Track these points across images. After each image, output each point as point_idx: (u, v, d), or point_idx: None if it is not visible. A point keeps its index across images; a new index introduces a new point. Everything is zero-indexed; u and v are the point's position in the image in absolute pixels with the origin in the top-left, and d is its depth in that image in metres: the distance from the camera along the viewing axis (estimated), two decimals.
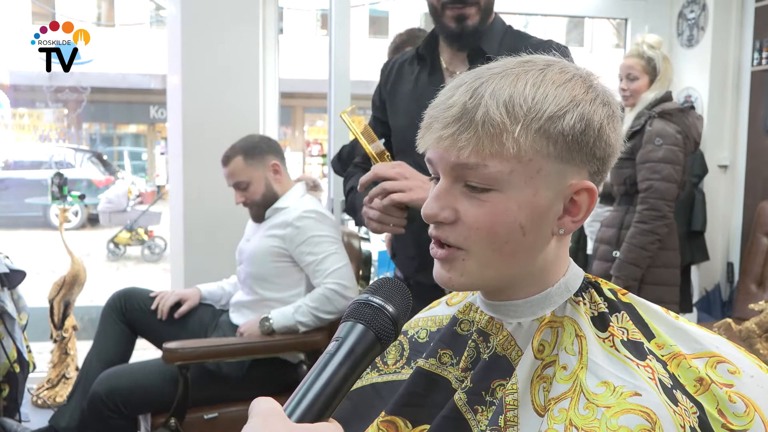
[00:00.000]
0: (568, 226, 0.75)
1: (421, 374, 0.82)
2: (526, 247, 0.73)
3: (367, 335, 0.59)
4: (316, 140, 14.92)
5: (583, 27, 15.29)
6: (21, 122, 10.59)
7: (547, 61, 0.74)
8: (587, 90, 0.72)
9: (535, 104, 0.69)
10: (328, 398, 0.56)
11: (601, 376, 0.70)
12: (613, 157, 0.76)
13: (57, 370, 3.06)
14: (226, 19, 2.89)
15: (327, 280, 2.17)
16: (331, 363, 0.58)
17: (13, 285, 2.39)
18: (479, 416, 0.74)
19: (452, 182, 0.73)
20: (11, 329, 2.33)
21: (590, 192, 0.74)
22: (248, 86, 2.93)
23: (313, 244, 2.21)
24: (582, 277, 0.80)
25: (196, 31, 2.88)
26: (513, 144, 0.69)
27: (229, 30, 2.90)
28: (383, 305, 0.61)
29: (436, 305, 0.93)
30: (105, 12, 14.99)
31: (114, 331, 2.36)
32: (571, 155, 0.71)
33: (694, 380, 0.72)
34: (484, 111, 0.69)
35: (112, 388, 2.05)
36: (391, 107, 1.63)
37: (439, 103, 0.73)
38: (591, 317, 0.75)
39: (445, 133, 0.70)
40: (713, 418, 0.70)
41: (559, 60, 0.75)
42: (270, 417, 0.53)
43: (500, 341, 0.78)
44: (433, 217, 0.74)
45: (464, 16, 1.46)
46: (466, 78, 0.73)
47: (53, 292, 3.02)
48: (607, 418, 0.66)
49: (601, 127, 0.72)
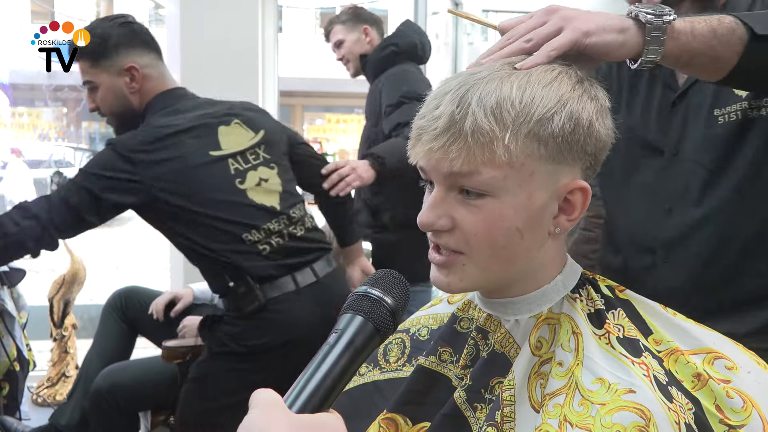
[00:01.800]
0: (563, 225, 0.75)
1: (421, 372, 0.82)
2: (523, 249, 0.73)
3: (366, 327, 0.60)
4: (315, 139, 14.90)
5: None
6: (20, 121, 10.61)
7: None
8: (574, 86, 0.72)
9: (522, 108, 0.69)
10: (328, 389, 0.57)
11: (597, 373, 0.70)
12: (604, 150, 0.76)
13: (57, 368, 3.06)
14: (225, 17, 2.90)
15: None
16: (331, 354, 0.58)
17: (13, 283, 2.39)
18: (479, 414, 0.75)
19: (447, 190, 0.73)
20: (11, 328, 2.33)
21: (584, 191, 0.74)
22: (247, 85, 2.93)
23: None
24: (579, 274, 0.80)
25: (195, 30, 2.88)
26: (504, 151, 0.69)
27: (228, 28, 2.90)
28: (382, 297, 0.62)
29: (437, 303, 0.94)
30: (104, 10, 14.97)
31: (114, 329, 2.36)
32: (563, 155, 0.71)
33: (692, 376, 0.72)
34: (472, 120, 0.68)
35: (115, 383, 2.06)
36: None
37: (426, 113, 0.72)
38: (587, 314, 0.76)
39: (435, 145, 0.70)
40: (711, 413, 0.70)
41: None
42: (270, 408, 0.53)
43: (498, 338, 0.78)
44: (430, 225, 0.74)
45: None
46: (452, 85, 0.72)
47: (53, 290, 3.02)
48: (601, 415, 0.66)
49: (591, 123, 0.72)
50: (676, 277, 1.14)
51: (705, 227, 1.11)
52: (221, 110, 1.85)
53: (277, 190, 1.84)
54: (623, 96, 1.23)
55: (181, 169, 1.72)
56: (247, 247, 1.75)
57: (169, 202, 1.71)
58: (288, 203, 1.84)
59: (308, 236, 1.86)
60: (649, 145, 1.18)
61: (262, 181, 1.81)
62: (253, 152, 1.83)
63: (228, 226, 1.74)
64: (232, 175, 1.77)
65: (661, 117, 1.18)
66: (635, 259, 1.20)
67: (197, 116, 1.80)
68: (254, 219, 1.77)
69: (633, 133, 1.19)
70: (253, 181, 1.79)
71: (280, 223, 1.79)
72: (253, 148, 1.84)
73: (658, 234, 1.16)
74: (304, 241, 1.84)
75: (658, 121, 1.18)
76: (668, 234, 1.15)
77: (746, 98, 1.07)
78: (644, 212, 1.19)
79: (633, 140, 1.19)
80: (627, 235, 1.23)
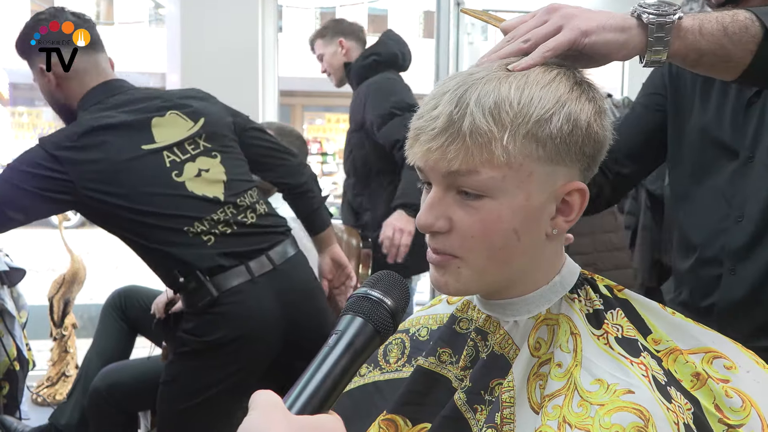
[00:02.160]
0: (561, 226, 0.75)
1: (421, 373, 0.82)
2: (520, 250, 0.73)
3: (365, 328, 0.60)
4: (315, 138, 14.91)
5: None
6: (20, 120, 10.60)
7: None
8: (572, 87, 0.72)
9: (521, 109, 0.69)
10: (327, 390, 0.57)
11: (595, 374, 0.70)
12: (602, 152, 0.76)
13: (57, 368, 3.06)
14: (225, 17, 2.90)
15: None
16: (331, 355, 0.58)
17: (13, 283, 2.39)
18: (479, 415, 0.75)
19: (445, 190, 0.73)
20: (11, 327, 2.33)
21: (581, 192, 0.74)
22: (247, 84, 2.94)
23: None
24: (577, 274, 0.80)
25: (195, 30, 2.89)
26: (502, 152, 0.68)
27: (228, 28, 2.90)
28: (382, 298, 0.62)
29: (436, 303, 0.94)
30: (104, 10, 14.98)
31: (114, 329, 2.36)
32: (561, 156, 0.71)
33: (691, 375, 0.73)
34: (470, 120, 0.68)
35: (114, 382, 2.05)
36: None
37: (424, 113, 0.72)
38: (586, 314, 0.76)
39: (433, 145, 0.70)
40: (710, 413, 0.71)
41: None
42: (270, 409, 0.53)
43: (498, 340, 0.78)
44: (428, 227, 0.73)
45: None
46: (450, 85, 0.72)
47: (53, 290, 3.02)
48: (600, 415, 0.66)
49: (589, 125, 0.72)
50: (741, 289, 1.10)
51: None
52: (157, 103, 1.78)
53: (220, 179, 1.77)
54: (696, 95, 1.18)
55: (108, 167, 1.65)
56: (191, 239, 1.69)
57: (104, 201, 1.65)
58: (234, 191, 1.77)
59: (261, 223, 1.79)
60: (723, 145, 1.14)
61: (202, 172, 1.75)
62: (191, 142, 1.77)
63: (167, 220, 1.68)
64: (167, 168, 1.71)
65: (736, 116, 1.12)
66: (702, 269, 1.17)
67: (130, 110, 1.74)
68: (195, 210, 1.70)
69: (707, 134, 1.15)
70: (192, 173, 1.73)
71: (225, 213, 1.73)
72: (192, 138, 1.77)
73: (727, 243, 1.12)
74: (256, 227, 1.78)
75: (733, 120, 1.13)
76: (737, 244, 1.11)
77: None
78: (714, 218, 1.15)
79: (706, 140, 1.15)
80: (697, 241, 1.18)
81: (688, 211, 1.21)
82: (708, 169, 1.16)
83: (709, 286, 1.15)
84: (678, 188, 1.24)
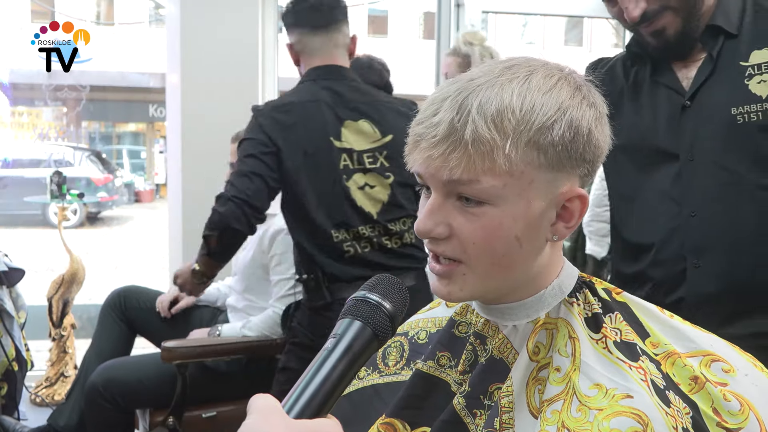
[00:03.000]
0: (561, 232, 0.75)
1: (419, 377, 0.82)
2: (522, 257, 0.73)
3: (364, 332, 0.60)
4: None
5: (582, 27, 15.28)
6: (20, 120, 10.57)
7: (530, 67, 0.72)
8: (573, 93, 0.72)
9: (523, 116, 0.68)
10: (326, 394, 0.57)
11: (594, 379, 0.70)
12: (601, 157, 0.75)
13: (55, 368, 3.06)
14: (226, 17, 2.90)
15: (277, 303, 2.16)
16: (329, 359, 0.58)
17: (12, 283, 2.39)
18: (478, 420, 0.75)
19: (445, 197, 0.72)
20: (10, 327, 2.33)
21: (582, 199, 0.74)
22: (247, 85, 2.93)
23: (279, 262, 2.18)
24: (576, 277, 0.80)
25: (195, 30, 2.88)
26: (504, 160, 0.68)
27: (229, 28, 2.90)
28: (380, 302, 0.62)
29: (435, 306, 0.93)
30: (104, 10, 14.97)
31: (113, 329, 2.36)
32: (562, 163, 0.71)
33: (689, 379, 0.72)
34: (472, 129, 0.67)
35: (110, 379, 2.05)
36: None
37: (424, 119, 0.71)
38: (585, 318, 0.76)
39: (434, 153, 0.69)
40: (708, 416, 0.70)
41: (543, 62, 0.74)
42: (268, 413, 0.53)
43: (497, 344, 0.78)
44: (427, 233, 0.73)
45: (660, 31, 1.17)
46: (450, 90, 0.71)
47: (52, 290, 3.02)
48: (599, 420, 0.66)
49: (590, 131, 0.71)
50: (708, 281, 1.12)
51: (732, 229, 1.10)
52: (354, 104, 1.82)
53: (381, 200, 1.80)
54: (624, 102, 1.21)
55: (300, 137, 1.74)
56: (332, 243, 1.74)
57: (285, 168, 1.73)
58: (389, 215, 1.80)
59: (401, 251, 1.82)
60: (662, 151, 1.17)
61: (366, 186, 1.78)
62: (371, 155, 1.80)
63: (319, 215, 1.74)
64: (340, 169, 1.76)
65: (671, 122, 1.16)
66: (663, 268, 1.18)
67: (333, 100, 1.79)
68: (347, 217, 1.75)
69: (645, 141, 1.18)
70: (357, 184, 1.77)
71: (374, 230, 1.77)
72: (373, 152, 1.80)
73: (686, 240, 1.15)
74: (394, 253, 1.81)
75: (668, 126, 1.16)
76: (696, 238, 1.14)
77: (767, 99, 1.07)
78: (664, 218, 1.17)
79: (644, 148, 1.18)
80: (650, 243, 1.20)
81: (634, 215, 1.23)
82: (650, 174, 1.19)
83: (674, 282, 1.16)
84: (619, 193, 1.27)
